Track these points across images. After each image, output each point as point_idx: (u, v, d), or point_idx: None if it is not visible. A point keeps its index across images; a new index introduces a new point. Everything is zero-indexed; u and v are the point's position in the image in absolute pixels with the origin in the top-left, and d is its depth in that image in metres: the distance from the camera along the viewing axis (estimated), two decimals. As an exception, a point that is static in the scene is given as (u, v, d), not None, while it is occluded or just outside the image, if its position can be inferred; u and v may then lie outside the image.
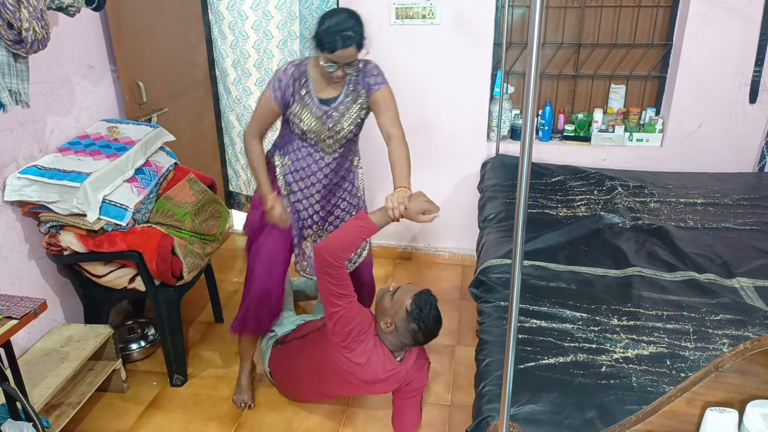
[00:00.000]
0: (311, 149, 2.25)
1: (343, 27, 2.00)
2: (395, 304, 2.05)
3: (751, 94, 3.07)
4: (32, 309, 1.74)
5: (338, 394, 2.32)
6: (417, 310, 2.00)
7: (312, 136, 2.21)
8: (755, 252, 2.35)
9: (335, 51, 2.01)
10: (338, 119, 2.20)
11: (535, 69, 1.08)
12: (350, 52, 2.04)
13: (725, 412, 1.34)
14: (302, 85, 2.16)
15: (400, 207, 1.97)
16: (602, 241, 2.47)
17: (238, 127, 3.64)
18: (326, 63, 2.06)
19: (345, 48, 2.01)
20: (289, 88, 2.16)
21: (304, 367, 2.26)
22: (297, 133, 2.23)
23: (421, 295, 2.04)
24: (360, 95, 2.22)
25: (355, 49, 2.05)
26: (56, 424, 2.15)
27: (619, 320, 1.96)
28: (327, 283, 2.03)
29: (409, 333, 2.03)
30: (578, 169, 3.14)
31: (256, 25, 3.34)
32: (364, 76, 2.21)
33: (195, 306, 3.10)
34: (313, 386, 2.28)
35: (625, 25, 3.22)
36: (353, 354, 2.07)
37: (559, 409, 1.59)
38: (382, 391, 2.21)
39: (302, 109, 2.18)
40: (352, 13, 2.06)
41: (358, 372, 2.09)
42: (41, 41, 2.00)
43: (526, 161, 1.13)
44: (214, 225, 2.68)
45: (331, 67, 2.07)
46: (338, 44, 2.00)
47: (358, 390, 2.24)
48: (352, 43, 2.02)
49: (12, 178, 2.20)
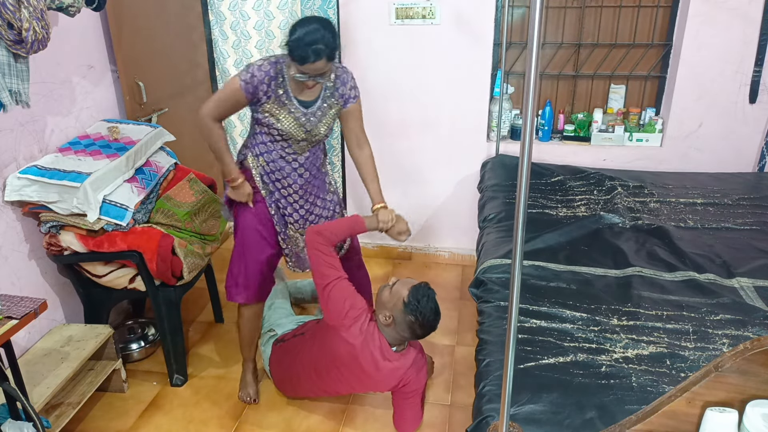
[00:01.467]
0: (283, 151, 2.24)
1: (313, 39, 1.96)
2: (393, 297, 2.07)
3: (751, 94, 3.07)
4: (32, 309, 1.74)
5: (337, 390, 2.28)
6: (414, 302, 2.02)
7: (286, 136, 2.20)
8: (755, 252, 2.35)
9: (305, 64, 1.99)
10: (316, 123, 2.21)
11: (535, 69, 1.08)
12: (320, 65, 2.01)
13: (725, 412, 1.34)
14: (279, 84, 2.13)
15: (389, 223, 2.32)
16: (602, 241, 2.47)
17: (239, 127, 3.65)
18: (297, 73, 2.04)
19: (315, 62, 1.99)
20: (263, 86, 2.11)
21: (303, 363, 2.26)
22: (271, 133, 2.21)
23: (418, 287, 2.06)
24: (336, 103, 2.24)
25: (326, 61, 2.01)
26: (56, 424, 2.15)
27: (619, 320, 1.96)
28: (318, 255, 2.10)
29: (407, 325, 2.04)
30: (578, 169, 3.14)
31: (258, 25, 3.34)
32: (341, 84, 2.22)
33: (195, 306, 3.10)
34: (313, 382, 2.27)
35: (625, 25, 3.23)
36: (349, 333, 2.07)
37: (559, 409, 1.59)
38: (380, 386, 2.20)
39: (279, 109, 2.15)
40: (325, 23, 2.01)
41: (355, 355, 2.08)
42: (41, 41, 2.01)
43: (526, 161, 1.13)
44: (214, 225, 2.68)
45: (302, 77, 2.05)
46: (309, 58, 1.97)
47: (357, 382, 2.19)
48: (323, 56, 1.99)
49: (12, 178, 2.20)
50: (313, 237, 2.13)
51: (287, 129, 2.17)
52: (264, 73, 2.11)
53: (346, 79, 2.24)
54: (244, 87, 2.10)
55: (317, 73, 2.04)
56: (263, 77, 2.11)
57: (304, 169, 2.29)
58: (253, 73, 2.10)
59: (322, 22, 2.01)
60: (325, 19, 2.06)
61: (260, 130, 2.24)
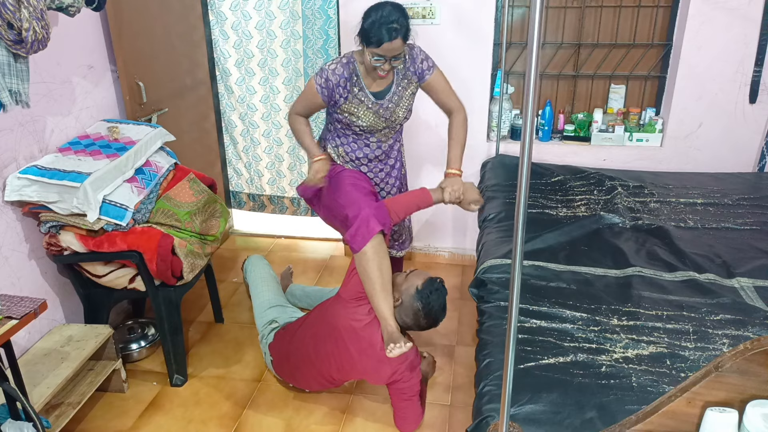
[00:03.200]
0: (365, 140, 2.29)
1: (388, 20, 2.01)
2: (408, 281, 2.14)
3: (751, 94, 3.07)
4: (32, 309, 1.74)
5: (329, 369, 2.24)
6: (426, 292, 2.08)
7: (368, 129, 2.25)
8: (755, 252, 2.35)
9: (382, 44, 2.02)
10: (393, 109, 2.25)
11: (535, 69, 1.08)
12: (397, 45, 2.04)
13: (725, 412, 1.34)
14: (354, 83, 2.17)
15: (456, 194, 2.24)
16: (602, 241, 2.47)
17: (240, 127, 3.65)
18: (373, 57, 2.06)
19: (391, 41, 2.02)
20: (339, 88, 2.17)
21: (303, 337, 2.27)
22: (353, 130, 2.26)
23: (434, 280, 2.13)
24: (411, 82, 2.26)
25: (401, 41, 2.05)
26: (56, 424, 2.15)
27: (619, 320, 1.96)
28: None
29: (413, 311, 2.09)
30: (578, 169, 3.14)
31: (259, 25, 3.35)
32: (411, 62, 2.23)
33: (195, 306, 3.10)
34: (308, 357, 2.27)
35: (625, 25, 3.22)
36: (356, 311, 2.13)
37: (559, 409, 1.59)
38: (371, 371, 2.18)
39: (358, 107, 2.19)
40: (396, 6, 2.06)
41: (356, 330, 2.11)
42: (41, 41, 2.00)
43: (526, 161, 1.13)
44: (214, 225, 2.68)
45: (378, 61, 2.07)
46: (384, 37, 2.01)
47: (349, 360, 2.18)
48: (399, 35, 2.03)
49: (12, 178, 2.20)
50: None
51: (369, 123, 2.23)
52: (338, 76, 2.16)
53: (415, 55, 2.25)
54: (320, 90, 2.18)
55: (393, 55, 2.07)
56: (338, 80, 2.16)
57: (385, 155, 2.38)
58: (327, 77, 2.16)
59: (394, 5, 2.07)
60: (396, 2, 2.10)
61: (341, 128, 2.29)
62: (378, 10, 2.05)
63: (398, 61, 2.12)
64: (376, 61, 2.07)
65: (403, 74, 2.23)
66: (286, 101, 3.52)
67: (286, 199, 3.81)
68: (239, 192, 3.88)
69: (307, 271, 3.45)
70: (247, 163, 3.75)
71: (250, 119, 3.61)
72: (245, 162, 3.75)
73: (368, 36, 2.04)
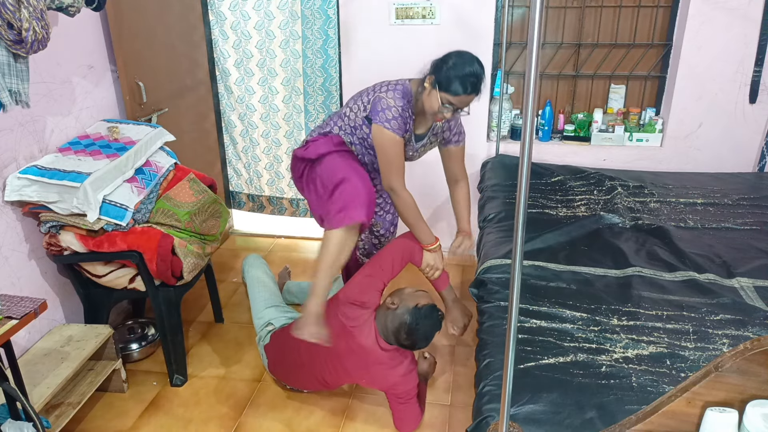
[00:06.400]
0: (372, 174, 2.28)
1: (472, 71, 2.00)
2: (413, 295, 2.17)
3: (751, 94, 3.08)
4: (32, 309, 1.74)
5: (322, 374, 2.26)
6: (422, 314, 2.10)
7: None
8: (755, 252, 2.35)
9: (459, 95, 2.00)
10: (421, 153, 2.28)
11: (535, 69, 1.08)
12: (471, 99, 2.04)
13: (725, 412, 1.34)
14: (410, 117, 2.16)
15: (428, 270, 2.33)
16: (602, 241, 2.47)
17: (240, 127, 3.65)
18: (444, 103, 2.04)
19: (470, 94, 2.01)
20: (409, 121, 2.15)
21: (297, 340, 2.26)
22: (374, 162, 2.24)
23: (435, 308, 2.15)
24: (438, 139, 2.30)
25: (475, 95, 2.05)
26: (56, 424, 2.14)
27: (619, 320, 1.96)
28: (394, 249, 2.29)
29: (399, 322, 2.10)
30: (578, 169, 3.14)
31: (258, 25, 3.35)
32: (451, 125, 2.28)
33: (195, 306, 3.10)
34: (303, 364, 2.29)
35: (625, 25, 3.23)
36: (346, 315, 2.16)
37: (559, 409, 1.59)
38: (365, 374, 2.21)
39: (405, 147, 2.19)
40: (479, 60, 2.05)
41: (348, 332, 2.15)
42: (41, 41, 2.00)
43: (526, 161, 1.13)
44: (214, 225, 2.68)
45: (447, 109, 2.05)
46: (468, 89, 2.00)
47: (343, 366, 2.20)
48: (478, 90, 2.02)
49: (12, 178, 2.20)
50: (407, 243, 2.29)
51: None
52: (408, 114, 2.13)
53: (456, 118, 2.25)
54: (400, 134, 2.11)
55: (462, 106, 2.06)
56: (408, 116, 2.13)
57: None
58: (395, 117, 2.09)
59: (478, 59, 2.05)
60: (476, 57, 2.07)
61: (363, 152, 2.24)
62: (464, 61, 2.00)
63: (463, 112, 2.11)
64: (446, 108, 2.04)
65: (439, 128, 2.24)
66: (284, 102, 3.52)
67: (285, 200, 3.81)
68: (239, 192, 3.88)
69: (307, 270, 3.45)
70: (246, 163, 3.75)
71: (249, 119, 3.61)
72: (245, 162, 3.76)
73: (449, 83, 1.99)
